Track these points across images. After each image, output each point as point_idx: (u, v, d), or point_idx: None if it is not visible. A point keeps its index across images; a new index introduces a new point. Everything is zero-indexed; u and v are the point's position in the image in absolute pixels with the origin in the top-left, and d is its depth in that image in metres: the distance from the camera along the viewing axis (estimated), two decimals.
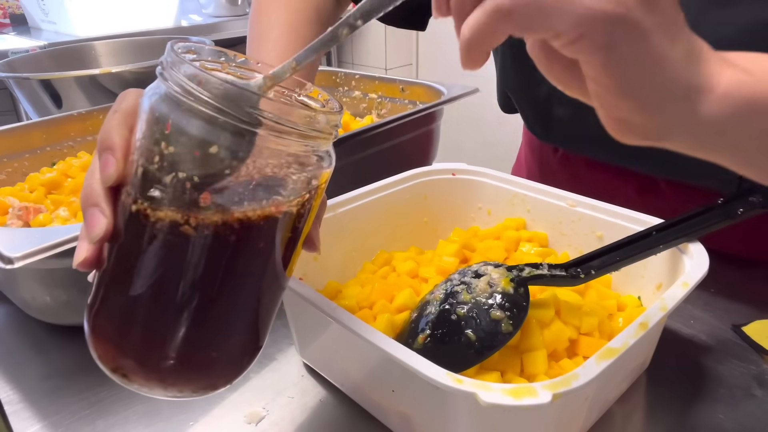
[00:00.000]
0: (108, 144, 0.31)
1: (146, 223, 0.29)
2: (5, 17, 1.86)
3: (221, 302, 0.31)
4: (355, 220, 0.55)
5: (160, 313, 0.30)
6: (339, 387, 0.47)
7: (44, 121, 0.82)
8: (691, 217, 0.46)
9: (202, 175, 0.28)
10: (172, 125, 0.28)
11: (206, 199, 0.28)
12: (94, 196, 0.30)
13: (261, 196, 0.29)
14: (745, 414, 0.44)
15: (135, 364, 0.31)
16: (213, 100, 0.27)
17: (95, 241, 0.30)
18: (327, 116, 0.30)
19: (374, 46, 2.21)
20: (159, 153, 0.29)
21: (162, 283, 0.30)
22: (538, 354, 0.42)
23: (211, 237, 0.29)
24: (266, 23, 0.58)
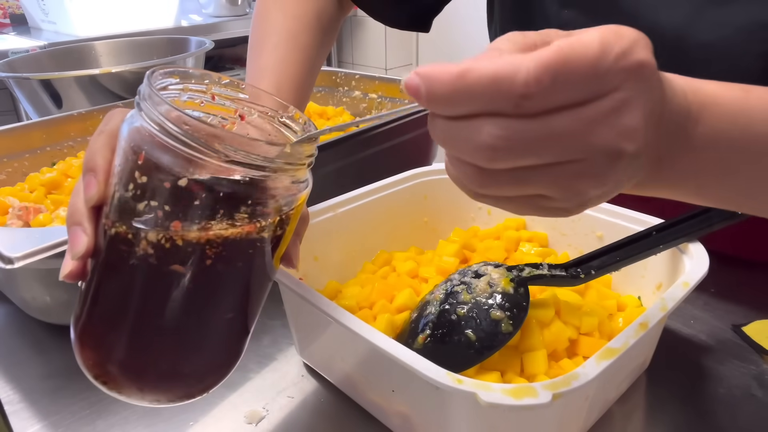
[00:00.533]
0: (91, 165, 0.33)
1: (122, 243, 0.31)
2: (5, 17, 1.86)
3: (193, 320, 0.32)
4: (355, 220, 0.55)
5: (135, 327, 0.32)
6: (339, 387, 0.47)
7: (44, 121, 0.82)
8: (691, 217, 0.46)
9: (172, 204, 0.30)
10: (145, 156, 0.30)
11: (176, 226, 0.30)
12: (78, 215, 0.32)
13: (231, 224, 0.31)
14: (745, 414, 0.44)
15: (114, 373, 0.32)
16: (184, 136, 0.29)
17: (77, 258, 0.32)
18: (299, 148, 0.32)
19: (374, 46, 2.21)
20: (133, 181, 0.30)
21: (138, 300, 0.32)
22: (538, 354, 0.42)
23: (182, 260, 0.31)
24: (266, 29, 0.58)
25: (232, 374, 0.49)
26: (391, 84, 0.99)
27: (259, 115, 0.38)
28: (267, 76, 0.53)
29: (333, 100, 1.07)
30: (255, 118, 0.38)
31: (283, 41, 0.56)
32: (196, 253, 0.31)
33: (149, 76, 0.32)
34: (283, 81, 0.53)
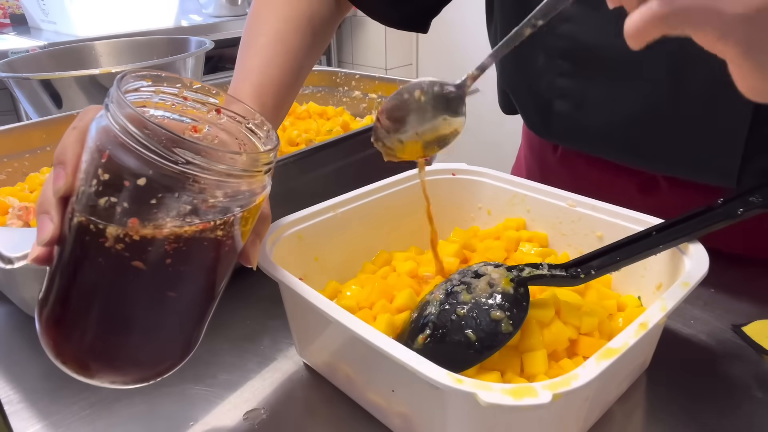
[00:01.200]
0: (61, 159, 0.35)
1: (84, 235, 0.33)
2: (5, 17, 1.86)
3: (148, 310, 0.35)
4: (355, 220, 0.55)
5: (93, 313, 0.34)
6: (339, 387, 0.47)
7: (44, 121, 0.82)
8: (691, 217, 0.46)
9: (131, 202, 0.32)
10: (109, 155, 0.32)
11: (134, 222, 0.32)
12: (46, 204, 0.35)
13: (187, 223, 0.33)
14: (745, 414, 0.44)
15: (72, 355, 0.35)
16: (145, 140, 0.31)
17: (43, 244, 0.34)
18: (256, 157, 0.34)
19: (374, 46, 2.21)
20: (97, 177, 0.32)
21: (96, 289, 0.34)
22: (538, 354, 0.42)
23: (138, 254, 0.33)
24: (257, 30, 0.58)
25: (232, 374, 0.49)
26: (391, 84, 0.99)
27: (228, 119, 0.40)
28: (250, 77, 0.53)
29: (333, 100, 1.07)
30: (224, 121, 0.40)
31: (271, 43, 0.56)
32: (152, 248, 0.33)
33: (118, 80, 0.34)
34: (265, 83, 0.53)
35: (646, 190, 0.65)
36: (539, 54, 0.62)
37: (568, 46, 0.60)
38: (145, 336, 0.36)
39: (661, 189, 0.64)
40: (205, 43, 1.16)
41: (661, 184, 0.63)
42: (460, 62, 2.05)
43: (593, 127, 0.61)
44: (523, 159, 0.82)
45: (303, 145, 0.85)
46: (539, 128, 0.69)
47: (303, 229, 0.52)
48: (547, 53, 0.62)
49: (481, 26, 0.73)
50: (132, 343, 0.35)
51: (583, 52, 0.59)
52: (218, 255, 0.36)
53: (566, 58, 0.60)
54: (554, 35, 0.60)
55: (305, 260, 0.52)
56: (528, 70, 0.65)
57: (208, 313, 0.38)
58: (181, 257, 0.34)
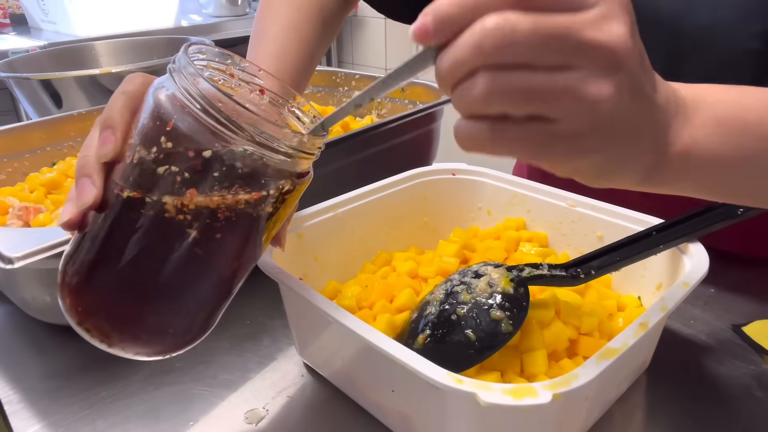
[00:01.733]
0: (110, 123, 0.34)
1: (132, 202, 0.32)
2: (5, 17, 1.86)
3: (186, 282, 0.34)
4: (355, 220, 0.55)
5: (130, 282, 0.34)
6: (339, 387, 0.47)
7: (44, 121, 0.82)
8: (691, 217, 0.46)
9: (193, 172, 0.32)
10: (175, 125, 0.31)
11: (192, 194, 0.32)
12: (89, 167, 0.33)
13: (241, 197, 0.33)
14: (745, 414, 0.44)
15: (100, 322, 0.34)
16: (216, 112, 0.31)
17: (82, 209, 0.33)
18: (314, 139, 0.35)
19: (374, 46, 2.21)
20: (157, 145, 0.32)
21: (138, 258, 0.33)
22: (538, 354, 0.42)
23: (189, 225, 0.32)
24: (269, 19, 0.59)
25: (232, 374, 0.49)
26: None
27: (271, 100, 0.40)
28: (266, 64, 0.54)
29: (333, 100, 1.07)
30: (266, 103, 0.40)
31: (285, 31, 0.57)
32: (203, 220, 0.32)
33: (186, 48, 0.34)
34: (280, 70, 0.54)
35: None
36: None
37: None
38: (177, 308, 0.35)
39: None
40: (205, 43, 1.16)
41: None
42: None
43: None
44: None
45: None
46: None
47: (303, 229, 0.52)
48: None
49: None
50: (164, 314, 0.35)
51: None
52: (260, 231, 0.36)
53: None
54: None
55: (305, 260, 0.52)
56: None
57: (234, 290, 0.38)
58: (227, 230, 0.33)
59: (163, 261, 0.33)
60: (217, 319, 0.38)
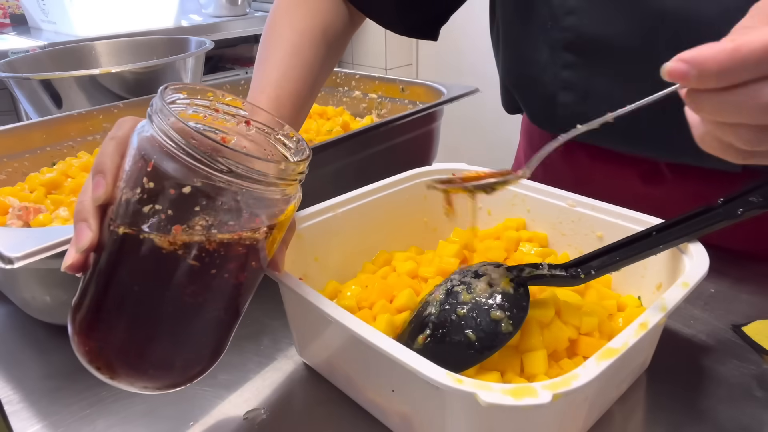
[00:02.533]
0: (101, 168, 0.36)
1: (124, 241, 0.34)
2: (5, 17, 1.86)
3: (185, 315, 0.36)
4: (355, 220, 0.55)
5: (132, 319, 0.35)
6: (339, 387, 0.47)
7: (44, 121, 0.82)
8: (691, 217, 0.46)
9: (175, 209, 0.33)
10: (154, 165, 0.33)
11: (177, 230, 0.33)
12: (84, 212, 0.35)
13: (226, 230, 0.34)
14: (745, 414, 0.44)
15: (108, 360, 0.35)
16: (190, 149, 0.32)
17: (81, 252, 0.35)
18: (293, 166, 0.36)
19: (374, 46, 2.21)
20: (141, 186, 0.34)
21: (136, 294, 0.35)
22: (538, 354, 0.42)
23: (179, 260, 0.34)
24: (272, 43, 0.59)
25: (232, 374, 0.49)
26: (391, 84, 0.99)
27: (257, 130, 0.42)
28: (268, 91, 0.55)
29: (333, 100, 1.07)
30: (253, 133, 0.42)
31: (287, 56, 0.57)
32: (194, 254, 0.34)
33: (161, 92, 0.35)
34: (282, 96, 0.55)
35: (649, 180, 0.65)
36: (543, 47, 0.63)
37: (573, 38, 0.60)
38: (181, 341, 0.36)
39: (664, 178, 0.64)
40: (205, 43, 1.16)
41: (664, 173, 0.63)
42: (460, 63, 2.05)
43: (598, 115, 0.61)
44: (523, 156, 0.82)
45: None
46: (543, 121, 0.70)
47: (303, 229, 0.52)
48: (551, 46, 0.62)
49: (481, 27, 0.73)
50: (168, 349, 0.36)
51: (588, 43, 0.59)
52: (253, 261, 0.37)
53: (571, 50, 0.60)
54: (558, 28, 0.60)
55: (305, 260, 0.52)
56: (532, 64, 0.65)
57: (239, 316, 0.39)
58: (219, 263, 0.35)
59: (160, 297, 0.35)
60: (227, 345, 0.39)
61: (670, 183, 0.63)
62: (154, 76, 1.04)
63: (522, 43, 0.67)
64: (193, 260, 0.34)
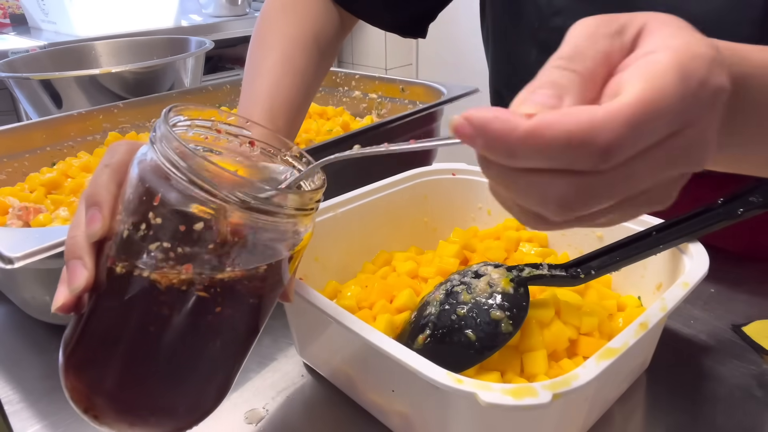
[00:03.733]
0: (96, 199, 0.32)
1: (127, 281, 0.30)
2: (5, 17, 1.86)
3: (192, 359, 0.32)
4: (355, 220, 0.55)
5: (132, 363, 0.32)
6: (339, 387, 0.47)
7: (44, 121, 0.82)
8: (691, 217, 0.46)
9: (186, 247, 0.30)
10: (162, 199, 0.30)
11: (188, 269, 0.30)
12: (78, 249, 0.32)
13: (241, 267, 0.31)
14: (745, 414, 0.44)
15: (105, 407, 0.32)
16: (204, 182, 0.29)
17: (75, 293, 0.31)
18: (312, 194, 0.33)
19: (374, 46, 2.21)
20: (146, 221, 0.30)
21: (137, 338, 0.31)
22: (538, 354, 0.42)
23: (188, 302, 0.31)
24: (262, 51, 0.57)
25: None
26: (391, 84, 0.99)
27: (262, 151, 0.39)
28: (260, 101, 0.53)
29: (333, 100, 1.07)
30: (257, 154, 0.39)
31: (279, 64, 0.56)
32: (205, 295, 0.31)
33: (165, 115, 0.32)
34: (275, 106, 0.53)
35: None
36: (531, 49, 0.62)
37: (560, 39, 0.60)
38: (189, 385, 0.33)
39: None
40: (205, 43, 1.16)
41: None
42: (460, 63, 2.05)
43: None
44: None
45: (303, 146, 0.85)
46: None
47: None
48: (539, 48, 0.62)
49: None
50: (175, 394, 0.33)
51: None
52: (266, 296, 0.34)
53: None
54: (546, 29, 0.60)
55: (305, 260, 0.52)
56: (521, 66, 0.65)
57: (246, 355, 0.36)
58: (235, 303, 0.32)
59: (170, 340, 0.31)
60: (233, 383, 0.37)
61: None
62: (154, 76, 1.04)
63: (510, 43, 0.66)
64: (206, 301, 0.31)
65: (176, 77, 1.08)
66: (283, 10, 0.61)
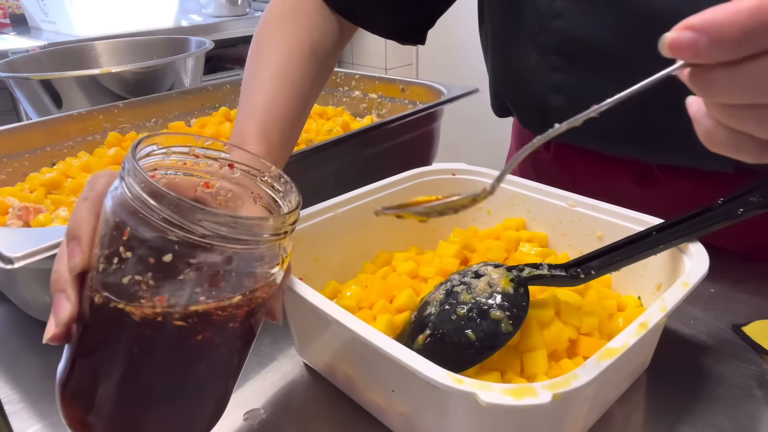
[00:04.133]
0: (75, 233, 0.33)
1: (107, 312, 0.31)
2: (5, 17, 1.86)
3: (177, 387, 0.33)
4: (355, 220, 0.55)
5: (119, 392, 0.32)
6: (339, 387, 0.47)
7: (44, 121, 0.82)
8: (691, 217, 0.46)
9: (157, 279, 0.30)
10: (130, 233, 0.30)
11: (161, 300, 0.30)
12: (61, 282, 0.33)
13: (215, 297, 0.31)
14: (745, 414, 0.44)
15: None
16: (167, 214, 0.29)
17: (61, 325, 0.32)
18: (283, 218, 0.33)
19: (374, 46, 2.21)
20: (118, 255, 0.31)
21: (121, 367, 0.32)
22: (538, 354, 0.42)
23: (168, 331, 0.31)
24: (259, 64, 0.57)
25: None
26: (391, 84, 0.99)
27: (242, 173, 0.39)
28: (255, 116, 0.52)
29: (333, 100, 1.07)
30: (238, 176, 0.39)
31: (275, 77, 0.55)
32: (182, 325, 0.31)
33: (133, 149, 0.32)
34: (270, 120, 0.52)
35: (641, 181, 0.65)
36: (532, 52, 0.62)
37: (561, 42, 0.60)
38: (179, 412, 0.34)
39: (656, 179, 0.64)
40: (205, 43, 1.16)
41: (656, 174, 0.63)
42: (460, 63, 2.05)
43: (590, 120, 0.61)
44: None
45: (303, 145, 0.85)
46: (535, 125, 0.69)
47: (303, 229, 0.52)
48: (539, 50, 0.62)
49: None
50: (165, 420, 0.34)
51: (576, 46, 0.59)
52: (249, 320, 0.34)
53: (559, 54, 0.60)
54: (546, 32, 0.60)
55: (305, 260, 0.52)
56: (521, 69, 0.65)
57: (238, 374, 0.37)
58: (212, 330, 0.32)
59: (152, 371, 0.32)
60: (228, 401, 0.37)
61: (663, 184, 0.63)
62: (154, 76, 1.04)
63: (510, 46, 0.66)
64: (183, 330, 0.31)
65: (176, 77, 1.08)
66: (281, 21, 0.60)
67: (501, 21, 0.66)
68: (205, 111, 0.99)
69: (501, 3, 0.65)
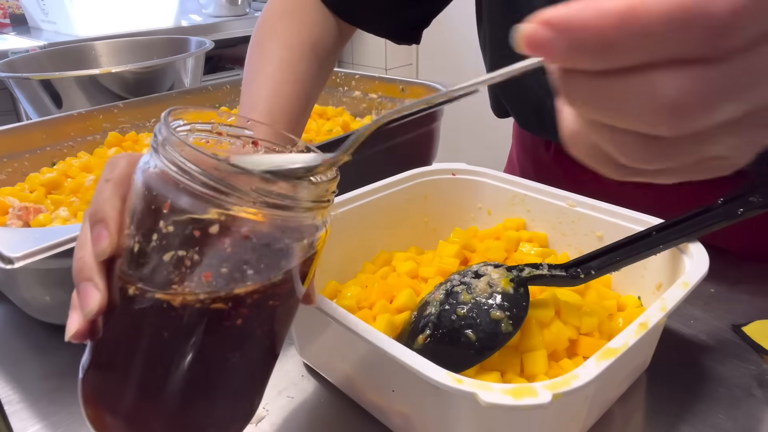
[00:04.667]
0: (101, 215, 0.30)
1: (142, 297, 0.29)
2: (5, 17, 1.86)
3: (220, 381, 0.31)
4: (355, 220, 0.55)
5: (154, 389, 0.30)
6: (339, 387, 0.47)
7: (44, 121, 0.82)
8: (691, 217, 0.46)
9: (203, 253, 0.28)
10: (172, 205, 0.28)
11: (207, 276, 0.28)
12: (87, 270, 0.30)
13: (260, 270, 0.29)
14: (745, 414, 0.44)
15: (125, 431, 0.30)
16: (213, 181, 0.27)
17: (89, 317, 0.30)
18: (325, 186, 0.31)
19: (374, 46, 2.21)
20: (157, 231, 0.28)
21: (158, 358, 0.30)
22: (538, 354, 0.42)
23: (210, 314, 0.29)
24: (260, 59, 0.57)
25: None
26: (391, 84, 0.99)
27: (267, 150, 0.37)
28: (258, 108, 0.52)
29: (333, 100, 1.07)
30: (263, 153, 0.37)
31: (278, 72, 0.55)
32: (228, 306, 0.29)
33: (165, 118, 0.30)
34: (275, 111, 0.52)
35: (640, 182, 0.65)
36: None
37: None
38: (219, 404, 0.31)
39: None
40: (205, 43, 1.16)
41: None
42: (460, 62, 2.05)
43: None
44: (516, 159, 0.82)
45: None
46: (534, 126, 0.69)
47: None
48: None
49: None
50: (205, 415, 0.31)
51: None
52: (288, 301, 0.33)
53: None
54: None
55: None
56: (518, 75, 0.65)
57: (276, 358, 0.35)
58: (255, 311, 0.30)
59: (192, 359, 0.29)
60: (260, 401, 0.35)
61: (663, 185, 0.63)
62: (154, 76, 1.04)
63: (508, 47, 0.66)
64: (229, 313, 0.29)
65: (176, 77, 1.08)
66: (281, 18, 0.60)
67: (499, 20, 0.66)
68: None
69: (500, 3, 0.65)
